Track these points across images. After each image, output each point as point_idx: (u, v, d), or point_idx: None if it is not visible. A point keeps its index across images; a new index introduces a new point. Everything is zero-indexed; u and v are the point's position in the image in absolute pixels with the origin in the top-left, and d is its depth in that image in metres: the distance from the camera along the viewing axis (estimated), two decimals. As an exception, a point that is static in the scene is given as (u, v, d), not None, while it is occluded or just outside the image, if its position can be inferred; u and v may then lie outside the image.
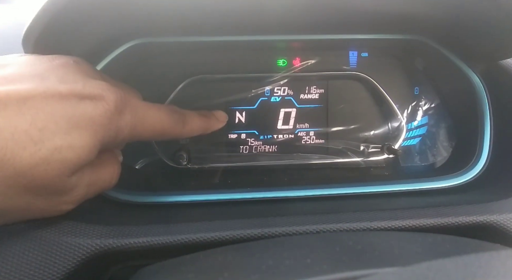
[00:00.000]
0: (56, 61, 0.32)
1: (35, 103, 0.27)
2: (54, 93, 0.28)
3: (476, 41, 0.45)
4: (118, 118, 0.31)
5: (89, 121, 0.29)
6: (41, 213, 0.31)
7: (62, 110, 0.28)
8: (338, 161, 0.55)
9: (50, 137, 0.27)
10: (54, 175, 0.27)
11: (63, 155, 0.27)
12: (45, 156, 0.26)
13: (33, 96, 0.27)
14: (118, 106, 0.31)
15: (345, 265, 0.23)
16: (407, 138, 0.56)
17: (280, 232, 0.35)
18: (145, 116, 0.35)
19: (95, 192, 0.34)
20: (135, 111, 0.33)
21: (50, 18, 0.32)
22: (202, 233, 0.34)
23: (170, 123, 0.38)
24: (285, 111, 0.55)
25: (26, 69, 0.30)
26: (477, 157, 0.48)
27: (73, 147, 0.28)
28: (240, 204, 0.43)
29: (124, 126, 0.32)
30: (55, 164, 0.27)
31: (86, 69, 0.34)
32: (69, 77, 0.30)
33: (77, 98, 0.29)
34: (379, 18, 0.43)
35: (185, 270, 0.27)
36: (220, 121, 0.48)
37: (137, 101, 0.34)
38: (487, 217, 0.37)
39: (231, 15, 0.40)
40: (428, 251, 0.26)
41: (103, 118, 0.30)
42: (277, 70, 0.54)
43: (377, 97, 0.56)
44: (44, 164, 0.26)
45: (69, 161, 0.28)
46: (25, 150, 0.26)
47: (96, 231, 0.33)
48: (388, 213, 0.37)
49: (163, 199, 0.43)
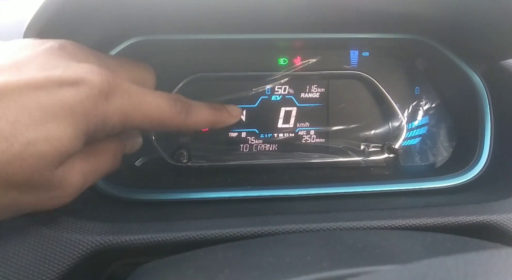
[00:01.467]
0: (41, 46, 0.30)
1: (6, 94, 0.25)
2: (28, 83, 0.26)
3: (477, 41, 0.45)
4: (104, 104, 0.28)
5: (68, 110, 0.26)
6: (33, 208, 0.29)
7: (36, 100, 0.26)
8: (339, 160, 0.55)
9: (23, 131, 0.25)
10: (33, 171, 0.25)
11: (38, 148, 0.25)
12: (18, 151, 0.24)
13: (5, 86, 0.25)
14: (103, 90, 0.28)
15: (345, 262, 0.23)
16: (407, 138, 0.56)
17: (280, 230, 0.35)
18: (140, 102, 0.31)
19: (94, 180, 0.32)
20: (126, 96, 0.30)
21: (50, 16, 0.32)
22: (202, 231, 0.34)
23: (170, 111, 0.34)
24: (286, 110, 0.55)
25: (7, 59, 0.28)
26: (478, 157, 0.48)
27: (49, 139, 0.26)
28: (240, 202, 0.43)
29: (112, 113, 0.29)
30: (30, 159, 0.25)
31: (73, 52, 0.31)
32: (51, 63, 0.28)
33: (55, 86, 0.26)
34: (380, 17, 0.43)
35: (185, 267, 0.27)
36: (233, 116, 0.44)
37: (131, 85, 0.31)
38: (487, 216, 0.37)
39: (232, 13, 0.40)
40: (429, 250, 0.27)
41: (85, 105, 0.27)
42: (278, 69, 0.54)
43: (377, 96, 0.56)
44: (18, 160, 0.25)
45: (47, 155, 0.26)
46: None
47: (96, 227, 0.33)
48: (388, 212, 0.37)
49: (163, 196, 0.43)
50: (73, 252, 0.31)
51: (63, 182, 0.28)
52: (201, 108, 0.39)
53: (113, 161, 0.34)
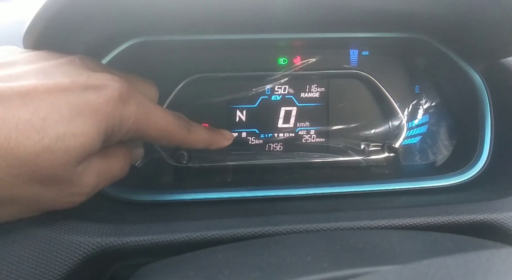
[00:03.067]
0: (63, 58, 0.33)
1: (37, 94, 0.27)
2: (56, 85, 0.28)
3: (477, 39, 0.45)
4: (122, 107, 0.31)
5: (92, 109, 0.29)
6: (52, 204, 0.31)
7: (64, 100, 0.28)
8: (339, 159, 0.55)
9: (53, 126, 0.27)
10: (59, 164, 0.27)
11: (66, 143, 0.27)
12: (48, 144, 0.26)
13: (35, 88, 0.27)
14: (122, 95, 0.31)
15: (346, 263, 0.23)
16: (407, 137, 0.56)
17: (281, 231, 0.35)
18: (151, 112, 0.35)
19: (106, 182, 0.34)
20: (140, 104, 0.33)
21: (51, 17, 0.32)
22: (203, 232, 0.34)
23: (175, 126, 0.38)
24: (286, 110, 0.55)
25: (32, 66, 0.30)
26: (478, 156, 0.48)
27: (76, 135, 0.28)
28: (241, 203, 0.43)
29: (128, 117, 0.32)
30: (58, 153, 0.27)
31: (92, 64, 0.34)
32: (74, 71, 0.31)
33: (81, 89, 0.29)
34: (380, 16, 0.43)
35: (186, 268, 0.27)
36: (226, 139, 0.48)
37: (142, 96, 0.34)
38: (488, 215, 0.37)
39: (232, 13, 0.40)
40: (429, 249, 0.27)
41: (107, 107, 0.30)
42: (278, 68, 0.54)
43: (377, 95, 0.56)
44: (47, 153, 0.27)
45: (72, 149, 0.28)
46: (29, 139, 0.26)
47: (98, 229, 0.33)
48: (389, 212, 0.37)
49: (164, 197, 0.43)
50: (74, 254, 0.31)
51: (81, 179, 0.30)
52: (199, 128, 0.43)
53: (124, 165, 0.36)
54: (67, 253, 0.31)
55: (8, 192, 0.27)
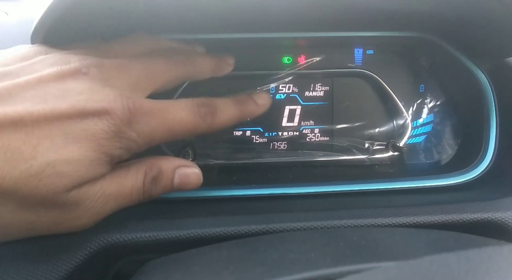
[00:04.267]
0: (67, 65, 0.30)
1: (30, 122, 0.26)
2: (52, 111, 0.27)
3: (482, 38, 0.45)
4: (127, 130, 0.30)
5: (91, 136, 0.28)
6: (49, 229, 0.29)
7: (59, 127, 0.27)
8: (343, 158, 0.55)
9: (44, 153, 0.26)
10: (47, 191, 0.26)
11: (56, 169, 0.26)
12: (35, 172, 0.25)
13: (30, 114, 0.26)
14: (125, 118, 0.29)
15: (349, 259, 0.23)
16: (412, 136, 0.56)
17: (285, 228, 0.35)
18: (162, 121, 0.32)
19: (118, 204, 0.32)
20: (148, 118, 0.31)
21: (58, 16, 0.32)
22: (207, 228, 0.35)
23: (194, 121, 0.35)
24: (290, 108, 0.55)
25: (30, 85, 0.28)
26: (483, 155, 0.48)
27: (69, 161, 0.26)
28: (245, 200, 0.43)
29: (135, 137, 0.30)
30: (47, 180, 0.26)
31: (97, 75, 0.31)
32: (75, 89, 0.29)
33: (79, 115, 0.27)
34: (385, 15, 0.43)
35: (191, 263, 0.27)
36: (259, 106, 0.43)
37: (152, 105, 0.32)
38: (492, 214, 0.37)
39: (235, 13, 0.40)
40: (432, 247, 0.27)
41: (107, 132, 0.28)
42: (282, 67, 0.54)
43: (382, 94, 0.56)
44: (34, 181, 0.25)
45: (66, 175, 0.27)
46: (16, 168, 0.25)
47: (102, 225, 0.34)
48: (393, 210, 0.38)
49: (169, 194, 0.43)
50: (79, 251, 0.32)
51: (78, 203, 0.28)
52: (226, 106, 0.39)
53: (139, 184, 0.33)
54: (72, 249, 0.32)
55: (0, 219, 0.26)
